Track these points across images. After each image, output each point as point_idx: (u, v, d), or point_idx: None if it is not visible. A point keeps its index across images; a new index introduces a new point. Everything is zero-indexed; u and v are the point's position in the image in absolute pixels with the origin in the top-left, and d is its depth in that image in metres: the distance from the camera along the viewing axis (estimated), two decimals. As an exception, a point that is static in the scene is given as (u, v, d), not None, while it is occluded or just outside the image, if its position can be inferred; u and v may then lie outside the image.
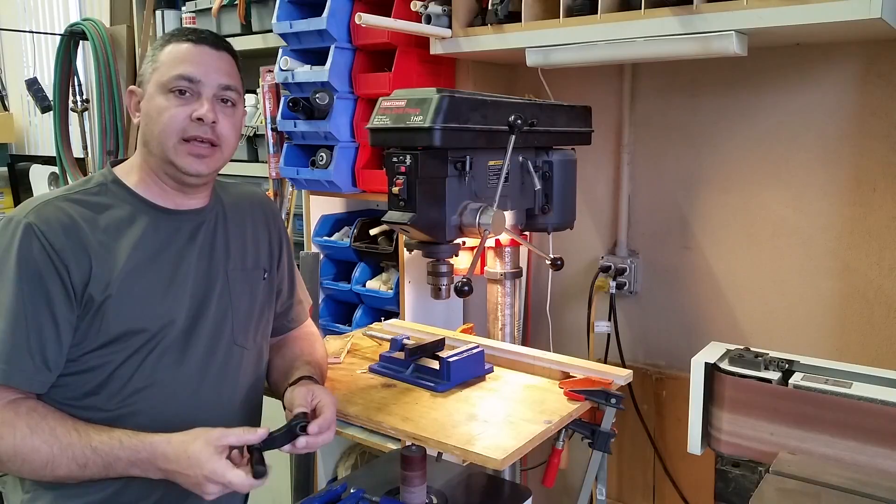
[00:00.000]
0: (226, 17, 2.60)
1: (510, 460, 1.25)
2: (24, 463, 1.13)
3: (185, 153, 1.26)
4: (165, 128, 1.25)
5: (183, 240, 1.32)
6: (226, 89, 1.29)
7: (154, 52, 1.30)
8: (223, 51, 1.31)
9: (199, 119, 1.25)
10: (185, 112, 1.25)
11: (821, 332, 1.95)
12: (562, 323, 2.38)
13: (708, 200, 2.10)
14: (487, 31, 1.95)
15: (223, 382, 1.35)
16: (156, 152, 1.27)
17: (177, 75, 1.25)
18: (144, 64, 1.31)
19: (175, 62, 1.26)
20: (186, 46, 1.28)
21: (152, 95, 1.27)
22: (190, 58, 1.27)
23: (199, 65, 1.27)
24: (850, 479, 1.24)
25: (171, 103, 1.25)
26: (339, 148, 2.18)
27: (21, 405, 1.16)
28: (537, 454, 1.79)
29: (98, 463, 1.14)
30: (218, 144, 1.29)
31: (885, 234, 1.84)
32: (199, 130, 1.26)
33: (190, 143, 1.26)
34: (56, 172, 3.52)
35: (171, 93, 1.25)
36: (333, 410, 1.29)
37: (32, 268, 1.17)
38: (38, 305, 1.17)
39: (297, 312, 1.61)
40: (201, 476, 1.12)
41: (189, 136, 1.26)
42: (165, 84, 1.25)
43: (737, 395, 1.50)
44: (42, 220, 1.19)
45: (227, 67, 1.31)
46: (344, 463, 2.50)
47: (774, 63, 1.94)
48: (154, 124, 1.26)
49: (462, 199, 1.52)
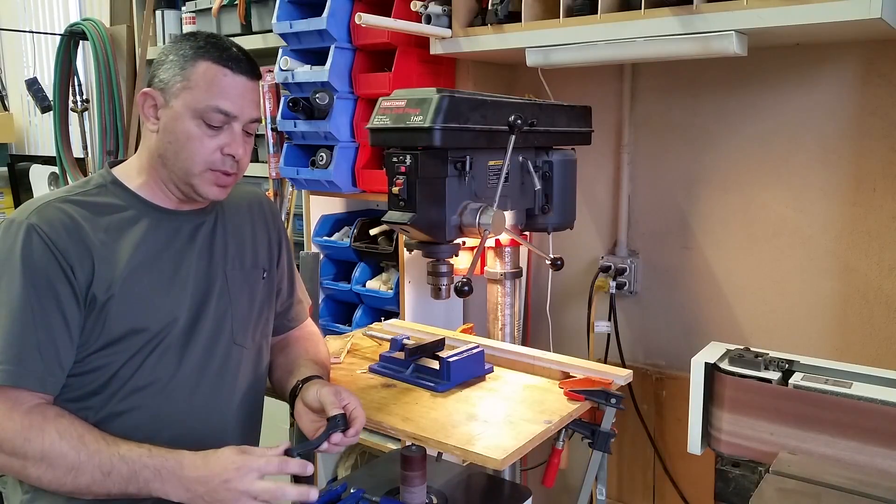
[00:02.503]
0: (226, 17, 2.60)
1: (510, 460, 1.25)
2: (49, 468, 1.12)
3: (209, 182, 1.27)
4: (193, 156, 1.24)
5: (183, 240, 1.32)
6: (253, 122, 1.30)
7: (183, 62, 1.23)
8: (256, 80, 1.30)
9: (229, 155, 1.26)
10: (216, 144, 1.25)
11: (821, 332, 1.95)
12: (562, 323, 2.38)
13: (708, 200, 2.10)
14: (487, 31, 1.95)
15: (222, 381, 1.35)
16: (175, 172, 1.27)
17: (214, 107, 1.23)
18: (167, 69, 1.25)
19: (212, 91, 1.22)
20: (225, 74, 1.24)
21: (181, 115, 1.23)
22: (228, 90, 1.24)
23: (236, 99, 1.25)
24: (850, 479, 1.24)
25: (202, 132, 1.23)
26: (339, 148, 2.19)
27: (48, 410, 1.15)
28: (537, 454, 1.79)
29: (122, 472, 1.12)
30: (237, 173, 1.31)
31: (885, 234, 1.84)
32: (227, 165, 1.27)
33: (215, 173, 1.27)
34: (56, 172, 3.52)
35: (203, 121, 1.23)
36: (363, 415, 1.30)
37: (39, 269, 1.17)
38: (48, 306, 1.16)
39: (298, 312, 1.61)
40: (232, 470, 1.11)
41: (216, 168, 1.26)
42: (200, 112, 1.22)
43: (737, 395, 1.50)
44: (44, 221, 1.19)
45: (257, 97, 1.32)
46: (344, 463, 2.50)
47: (774, 63, 1.94)
48: (180, 148, 1.24)
49: (462, 199, 1.52)
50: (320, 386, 1.33)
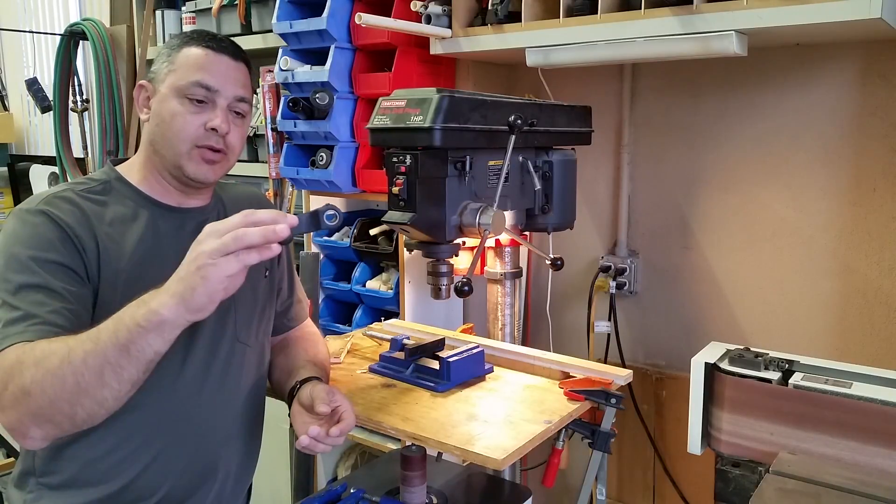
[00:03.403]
0: (226, 17, 2.60)
1: (510, 460, 1.25)
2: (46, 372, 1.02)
3: (197, 160, 1.28)
4: (178, 133, 1.26)
5: (186, 236, 1.32)
6: (240, 101, 1.31)
7: (170, 51, 1.29)
8: (241, 62, 1.32)
9: (213, 129, 1.26)
10: (200, 120, 1.26)
11: (821, 332, 1.95)
12: (562, 323, 2.38)
13: (708, 200, 2.10)
14: (487, 31, 1.95)
15: (226, 379, 1.35)
16: (165, 154, 1.28)
17: (194, 82, 1.25)
18: (158, 61, 1.30)
19: (193, 68, 1.26)
20: (206, 53, 1.27)
21: (166, 97, 1.26)
22: (209, 66, 1.27)
23: (217, 74, 1.27)
24: (850, 479, 1.24)
25: (185, 109, 1.25)
26: (339, 148, 2.18)
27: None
28: (537, 454, 1.79)
29: (108, 325, 1.03)
30: (226, 152, 1.30)
31: (885, 234, 1.84)
32: (212, 140, 1.27)
33: (201, 149, 1.27)
34: (56, 172, 3.52)
35: (186, 98, 1.25)
36: (353, 418, 1.28)
37: (54, 242, 1.16)
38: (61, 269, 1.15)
39: (297, 311, 1.62)
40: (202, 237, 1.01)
41: (201, 144, 1.27)
42: (182, 89, 1.25)
43: (737, 395, 1.50)
44: (56, 208, 1.19)
45: (244, 79, 1.33)
46: (344, 463, 2.50)
47: (774, 63, 1.94)
48: (166, 128, 1.26)
49: (462, 199, 1.52)
50: (314, 384, 1.34)
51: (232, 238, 1.00)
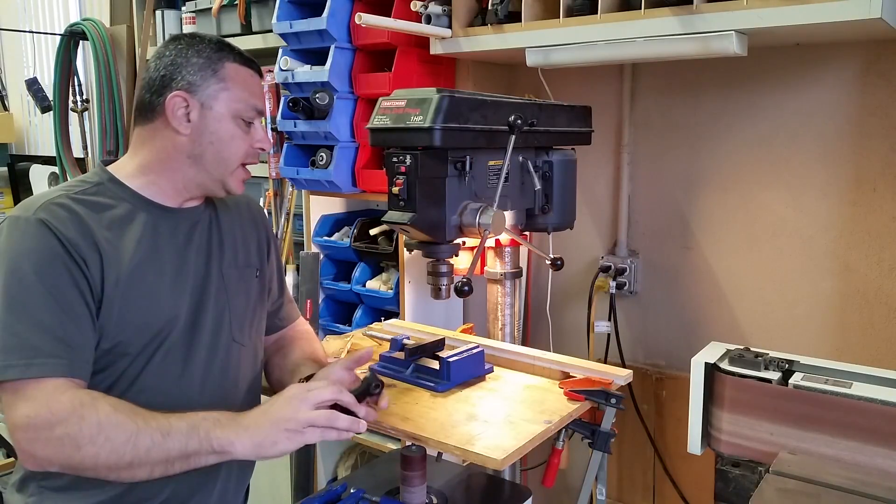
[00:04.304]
0: (226, 17, 2.60)
1: (510, 460, 1.25)
2: (107, 441, 1.09)
3: (240, 177, 1.34)
4: (235, 154, 1.31)
5: (181, 237, 1.33)
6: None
7: (211, 64, 1.27)
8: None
9: (261, 149, 1.34)
10: (249, 140, 1.33)
11: (821, 332, 1.95)
12: (562, 323, 2.39)
13: (708, 200, 2.10)
14: (487, 31, 1.95)
15: (225, 379, 1.36)
16: (211, 171, 1.30)
17: (253, 106, 1.31)
18: (190, 71, 1.26)
19: (248, 91, 1.31)
20: (252, 74, 1.33)
21: (223, 117, 1.28)
22: (256, 88, 1.33)
23: (261, 97, 1.35)
24: (850, 479, 1.24)
25: (242, 131, 1.31)
26: (339, 148, 2.19)
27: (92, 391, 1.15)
28: (537, 454, 1.79)
29: (181, 428, 1.12)
30: None
31: (885, 234, 1.84)
32: (256, 157, 1.36)
33: (243, 167, 1.34)
34: (56, 172, 3.53)
35: (241, 119, 1.30)
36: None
37: (56, 261, 1.16)
38: (70, 294, 1.15)
39: (289, 311, 1.62)
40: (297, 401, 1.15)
41: (249, 162, 1.35)
42: (241, 112, 1.30)
43: (737, 395, 1.50)
44: (53, 216, 1.18)
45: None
46: (344, 463, 2.50)
47: (774, 63, 1.94)
48: (223, 147, 1.29)
49: (462, 199, 1.52)
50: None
51: (326, 419, 1.15)
